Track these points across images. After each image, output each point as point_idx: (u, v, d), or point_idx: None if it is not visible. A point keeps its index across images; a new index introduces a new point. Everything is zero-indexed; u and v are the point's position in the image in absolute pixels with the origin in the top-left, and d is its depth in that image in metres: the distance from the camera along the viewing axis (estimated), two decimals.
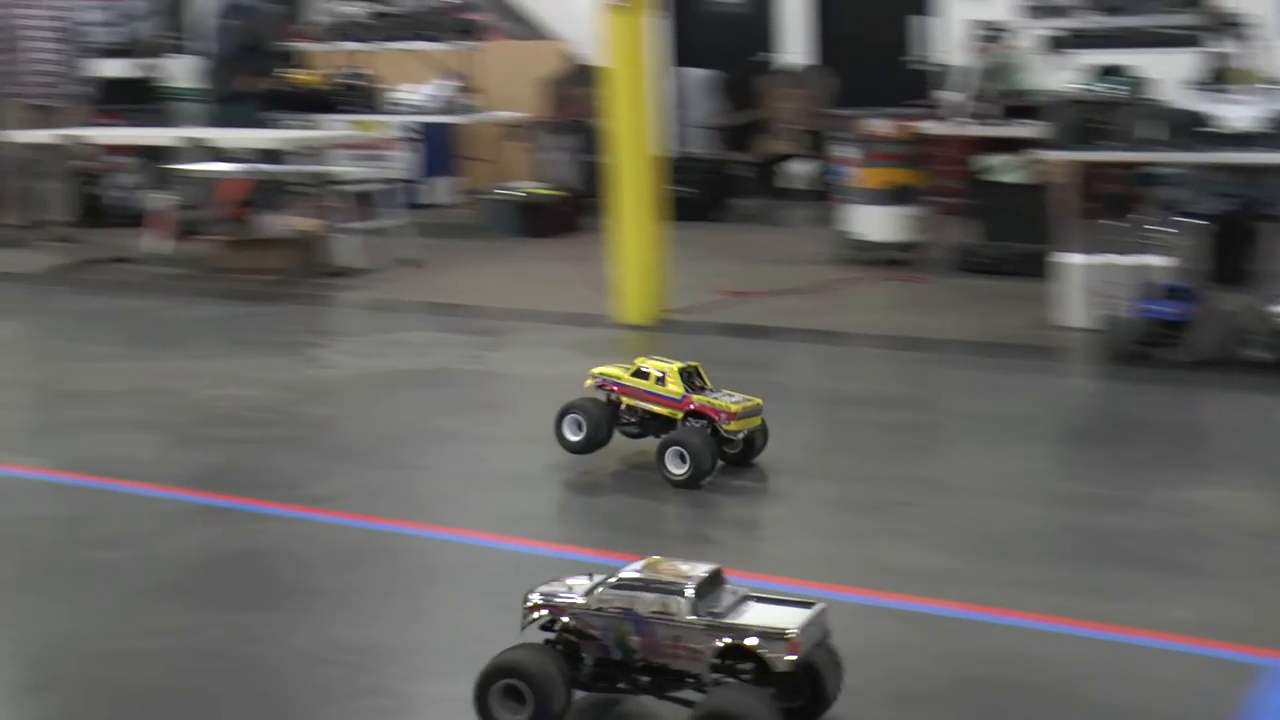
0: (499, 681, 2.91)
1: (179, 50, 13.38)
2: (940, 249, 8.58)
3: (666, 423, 4.80)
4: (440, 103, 10.68)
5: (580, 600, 2.99)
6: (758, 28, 12.60)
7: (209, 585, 3.96)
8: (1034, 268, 7.42)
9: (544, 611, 3.03)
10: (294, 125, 10.83)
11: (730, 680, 2.86)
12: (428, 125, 11.27)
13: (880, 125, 8.84)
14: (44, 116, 10.34)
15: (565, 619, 2.99)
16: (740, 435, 4.78)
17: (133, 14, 15.18)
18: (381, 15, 11.00)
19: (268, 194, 9.62)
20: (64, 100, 10.49)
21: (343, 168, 10.01)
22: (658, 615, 2.90)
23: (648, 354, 4.98)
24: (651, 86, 7.36)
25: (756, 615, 2.90)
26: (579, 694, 3.01)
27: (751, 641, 2.83)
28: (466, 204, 11.62)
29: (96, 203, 10.79)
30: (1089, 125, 6.96)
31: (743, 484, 4.77)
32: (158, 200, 9.62)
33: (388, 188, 9.78)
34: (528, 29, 12.83)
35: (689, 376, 4.82)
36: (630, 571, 2.98)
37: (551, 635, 3.03)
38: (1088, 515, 4.36)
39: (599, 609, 2.96)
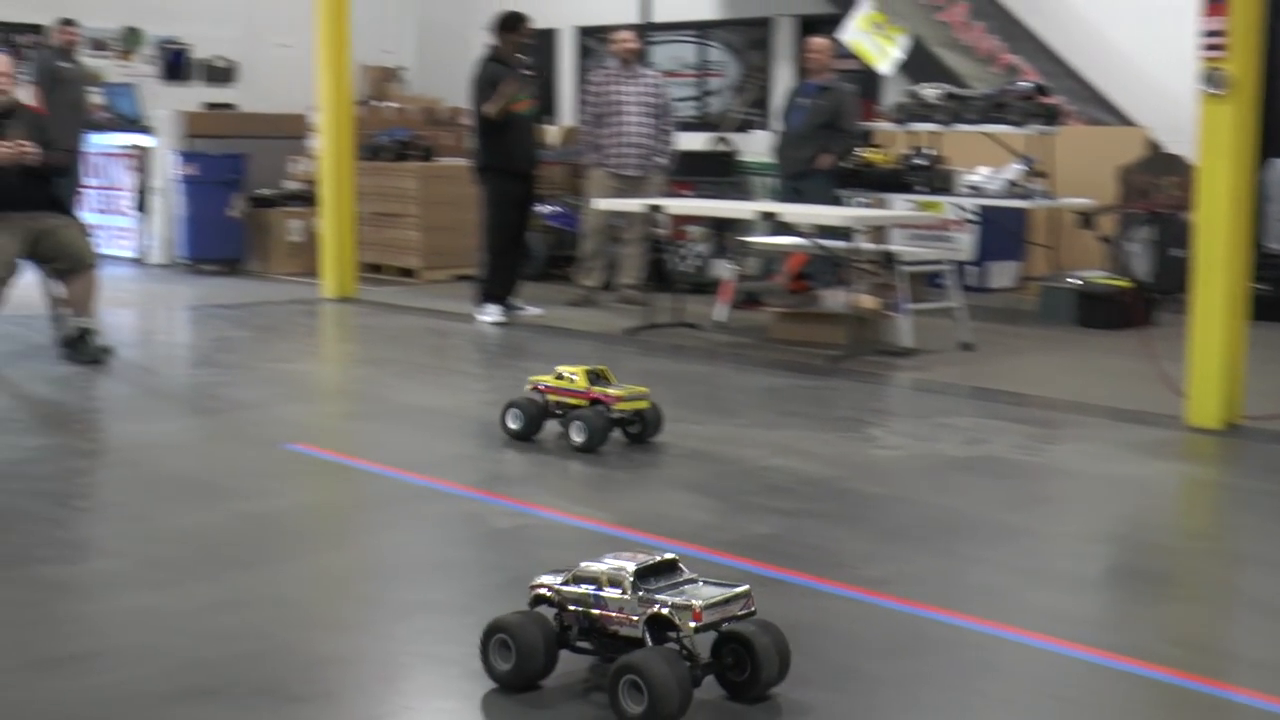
0: (493, 636, 3.62)
1: (754, 126, 13.88)
2: None
3: (578, 409, 6.33)
4: (1005, 185, 10.49)
5: (559, 578, 3.69)
6: None
7: None
8: None
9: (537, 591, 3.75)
10: (862, 203, 10.95)
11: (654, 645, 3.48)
12: (989, 208, 11.10)
13: None
14: (627, 185, 10.93)
15: (548, 592, 3.70)
16: (627, 413, 6.38)
17: (713, 90, 15.90)
18: (954, 97, 10.94)
19: (828, 269, 9.73)
20: (648, 172, 11.05)
21: (905, 247, 9.99)
22: (609, 590, 3.58)
23: (567, 363, 6.58)
24: (1245, 179, 6.91)
25: (685, 593, 3.53)
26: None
27: (665, 611, 3.47)
28: (1025, 290, 11.35)
29: (664, 268, 11.27)
30: None
31: None
32: (724, 269, 9.93)
33: (948, 269, 9.69)
34: (1108, 114, 12.44)
35: (594, 377, 6.41)
36: (605, 558, 3.67)
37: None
38: None
39: (572, 584, 3.65)
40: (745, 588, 3.61)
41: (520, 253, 10.68)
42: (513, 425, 6.46)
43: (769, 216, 9.45)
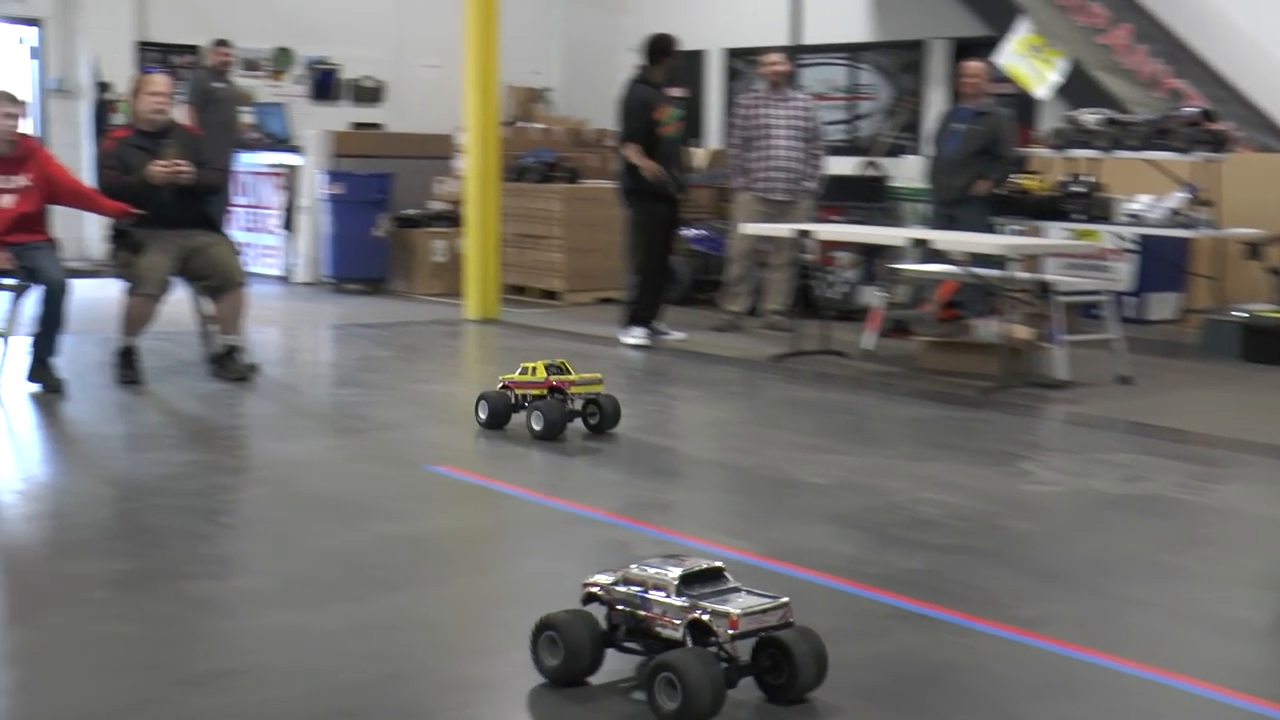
0: (543, 633, 3.81)
1: (905, 150, 13.78)
2: None
3: (539, 399, 7.03)
4: (1167, 214, 10.28)
5: (611, 578, 3.87)
6: None
7: (908, 694, 3.91)
8: None
9: (589, 589, 3.94)
10: (1017, 231, 10.81)
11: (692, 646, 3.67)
12: (1150, 237, 10.89)
13: None
14: (775, 210, 10.92)
15: (599, 590, 3.88)
16: (581, 398, 7.08)
17: (864, 113, 15.84)
18: (1115, 123, 10.76)
19: (980, 298, 9.62)
20: (797, 196, 11.03)
21: (1060, 276, 9.84)
22: (654, 594, 3.76)
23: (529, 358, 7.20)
24: None
25: (727, 601, 3.71)
26: None
27: (705, 617, 3.67)
28: (1186, 322, 11.11)
29: (811, 294, 11.22)
30: None
31: None
32: (873, 296, 9.86)
33: (1106, 300, 9.52)
34: (1279, 141, 12.15)
35: (553, 369, 7.10)
36: (655, 562, 3.86)
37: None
38: None
39: (622, 585, 3.83)
40: (784, 600, 3.77)
41: (666, 276, 10.72)
42: (481, 415, 7.17)
43: (920, 243, 9.37)
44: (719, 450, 7.33)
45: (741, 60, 16.92)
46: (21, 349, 8.18)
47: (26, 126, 8.30)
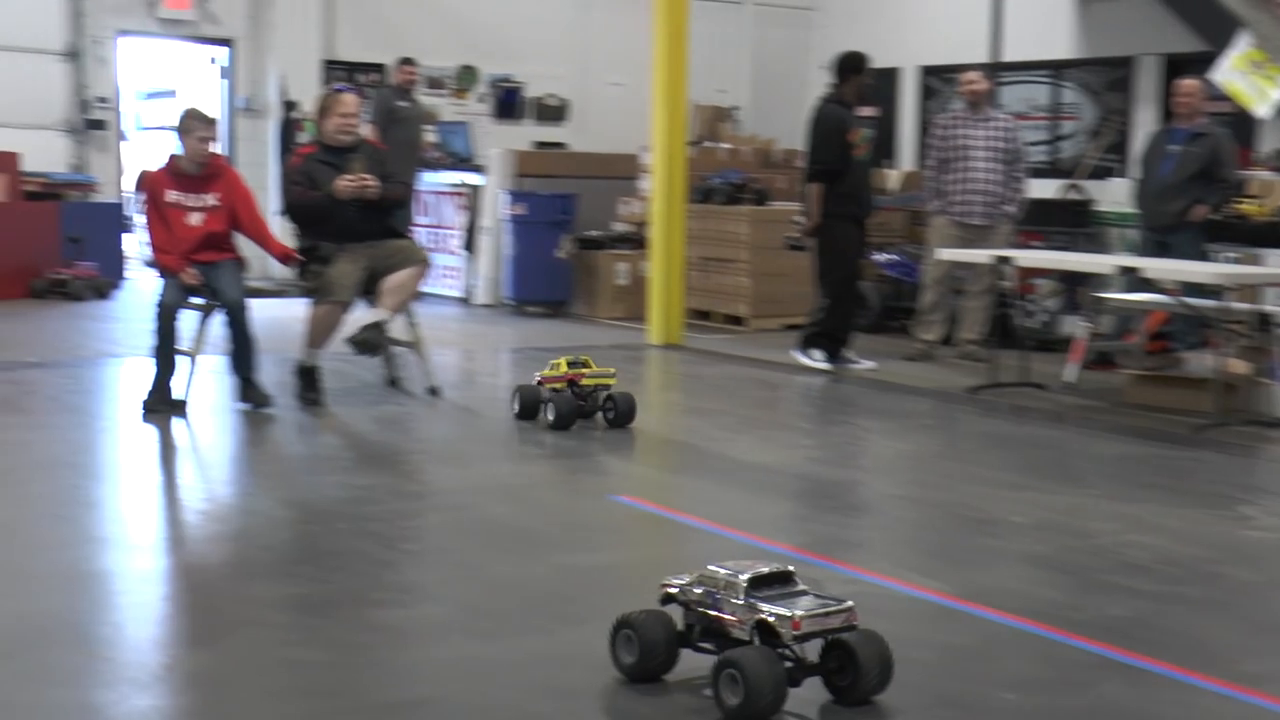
0: (620, 631, 4.13)
1: (1111, 173, 13.51)
2: None
3: (558, 391, 7.92)
4: None
5: (688, 579, 4.14)
6: None
7: None
8: None
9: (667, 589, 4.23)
10: (1233, 258, 10.50)
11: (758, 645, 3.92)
12: None
13: None
14: (972, 235, 10.77)
15: (675, 591, 4.17)
16: (590, 390, 7.96)
17: (1067, 134, 15.57)
18: None
19: (1192, 329, 9.36)
20: (995, 221, 10.86)
21: None
22: (725, 596, 4.02)
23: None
24: None
25: (792, 604, 3.94)
26: None
27: (770, 619, 3.90)
28: None
29: (1008, 324, 11.04)
30: None
31: None
32: (1075, 326, 9.67)
33: None
34: None
35: (574, 364, 7.99)
36: (722, 565, 4.09)
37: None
38: None
39: (696, 586, 4.10)
40: (849, 604, 4.02)
41: (855, 302, 10.64)
42: (515, 407, 8.07)
43: (1128, 271, 9.15)
44: (910, 485, 7.24)
45: (938, 78, 16.76)
46: (214, 369, 8.43)
47: (216, 146, 8.56)
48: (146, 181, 8.42)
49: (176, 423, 7.88)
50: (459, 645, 4.50)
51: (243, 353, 8.22)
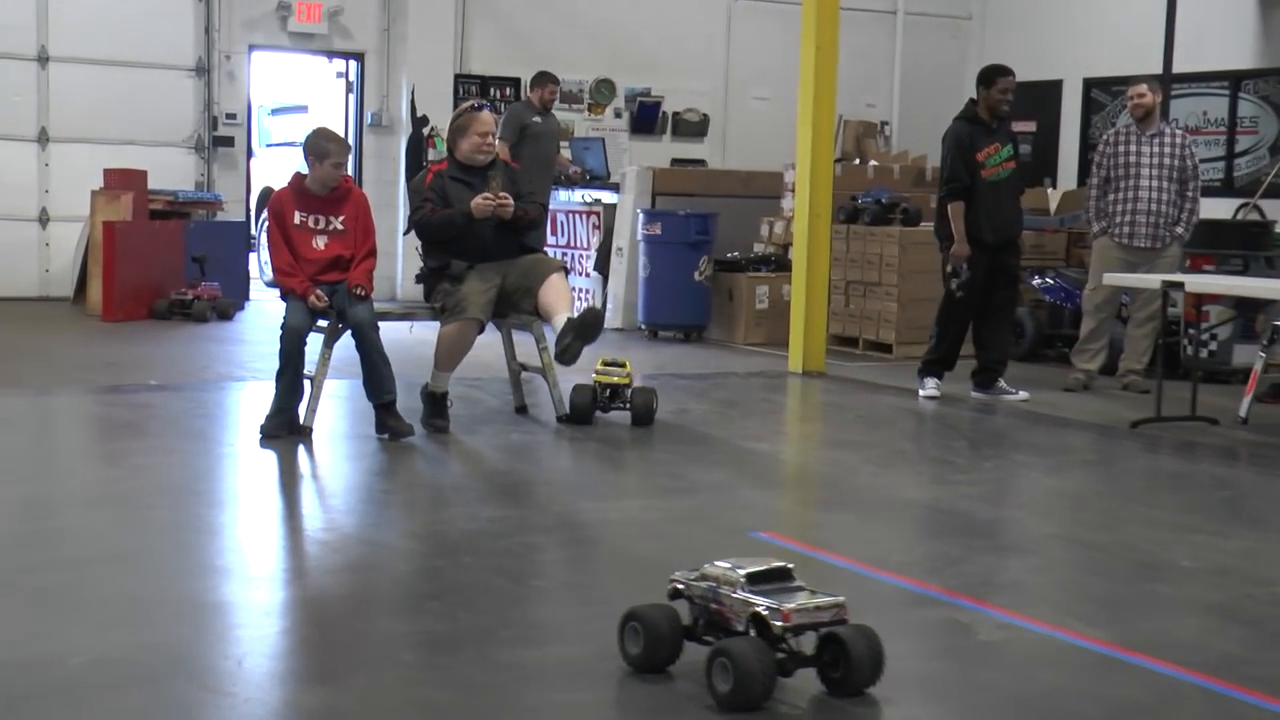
0: (628, 623, 4.49)
1: None
2: None
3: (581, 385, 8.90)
4: None
5: (694, 575, 4.49)
6: None
7: None
8: None
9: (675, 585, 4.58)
10: None
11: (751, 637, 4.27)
12: None
13: None
14: (1137, 258, 10.58)
15: (681, 586, 4.52)
16: (604, 385, 8.84)
17: (1244, 150, 15.25)
18: None
19: None
20: (1164, 243, 10.66)
21: None
22: (724, 590, 4.38)
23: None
24: None
25: (785, 599, 4.30)
26: None
27: (762, 611, 4.25)
28: None
29: (1177, 354, 10.82)
30: None
31: None
32: (1250, 356, 9.45)
33: None
34: None
35: (607, 363, 8.96)
36: (724, 562, 4.45)
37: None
38: None
39: (700, 581, 4.46)
40: (840, 599, 4.38)
41: (1004, 331, 10.48)
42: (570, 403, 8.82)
43: None
44: (1069, 525, 7.10)
45: (1103, 90, 16.52)
46: (336, 394, 8.52)
47: (347, 167, 8.66)
48: (272, 202, 8.52)
49: (298, 449, 7.99)
50: (590, 689, 4.48)
51: (376, 377, 8.23)
